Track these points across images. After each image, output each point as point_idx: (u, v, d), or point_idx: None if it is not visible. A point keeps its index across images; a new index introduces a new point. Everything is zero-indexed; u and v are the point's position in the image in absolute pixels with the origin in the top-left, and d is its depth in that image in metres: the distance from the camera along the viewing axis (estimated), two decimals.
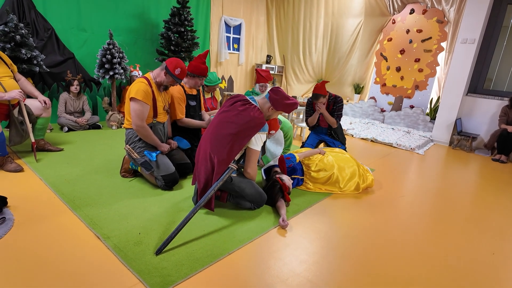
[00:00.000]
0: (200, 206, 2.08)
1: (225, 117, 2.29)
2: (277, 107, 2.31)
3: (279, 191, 2.59)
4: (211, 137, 2.29)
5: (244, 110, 2.24)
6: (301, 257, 1.98)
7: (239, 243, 2.06)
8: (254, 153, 2.22)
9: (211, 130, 2.34)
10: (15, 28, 3.91)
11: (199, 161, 2.36)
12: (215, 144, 2.24)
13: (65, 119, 4.41)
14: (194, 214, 2.05)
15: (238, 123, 2.19)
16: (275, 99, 2.29)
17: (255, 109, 2.24)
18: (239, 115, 2.22)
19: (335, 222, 2.48)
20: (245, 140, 2.18)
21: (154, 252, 1.88)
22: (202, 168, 2.30)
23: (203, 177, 2.29)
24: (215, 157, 2.22)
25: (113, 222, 2.20)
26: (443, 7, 5.92)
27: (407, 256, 2.10)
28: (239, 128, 2.18)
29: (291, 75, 8.48)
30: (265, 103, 2.34)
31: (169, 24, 5.64)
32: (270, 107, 2.33)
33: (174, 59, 2.72)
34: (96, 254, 1.85)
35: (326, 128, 4.01)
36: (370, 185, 3.15)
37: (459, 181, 3.76)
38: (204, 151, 2.32)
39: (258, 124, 2.19)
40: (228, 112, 2.29)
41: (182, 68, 2.72)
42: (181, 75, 2.74)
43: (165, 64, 2.71)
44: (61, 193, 2.57)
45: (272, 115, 2.41)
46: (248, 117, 2.19)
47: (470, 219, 2.75)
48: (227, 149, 2.19)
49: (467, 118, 5.57)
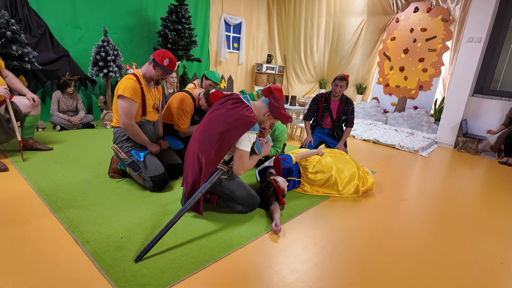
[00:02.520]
0: (185, 210, 1.94)
1: (214, 116, 2.16)
2: (274, 115, 2.21)
3: (273, 194, 2.45)
4: (200, 136, 2.16)
5: (234, 108, 2.11)
6: (293, 265, 1.83)
7: (227, 249, 1.92)
8: (242, 153, 2.06)
9: (200, 129, 2.21)
10: (6, 24, 3.81)
11: (187, 162, 2.23)
12: (203, 144, 2.11)
13: (58, 117, 4.30)
14: (179, 218, 1.92)
15: (226, 121, 2.06)
16: (275, 107, 2.18)
17: (246, 108, 2.11)
18: (228, 113, 2.09)
19: (331, 227, 2.33)
20: (233, 139, 2.04)
21: (134, 259, 1.75)
22: (190, 169, 2.17)
23: (191, 179, 2.16)
24: (202, 157, 2.08)
25: (95, 225, 2.07)
26: (448, 5, 5.75)
27: (408, 265, 1.95)
28: (228, 126, 2.04)
29: (292, 75, 8.34)
30: (262, 107, 2.22)
31: (166, 22, 5.52)
32: (267, 113, 2.21)
33: (160, 51, 2.61)
34: (72, 261, 1.71)
35: (328, 129, 3.87)
36: (371, 188, 3.00)
37: (464, 184, 3.59)
38: (192, 152, 2.19)
39: (248, 122, 2.04)
40: (218, 111, 2.16)
41: (170, 58, 2.60)
42: (170, 66, 2.62)
43: (152, 57, 2.59)
44: (44, 193, 2.45)
45: (265, 122, 2.29)
46: (237, 115, 2.05)
47: (476, 225, 2.59)
48: (215, 149, 2.06)
49: (473, 119, 5.39)
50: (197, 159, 2.12)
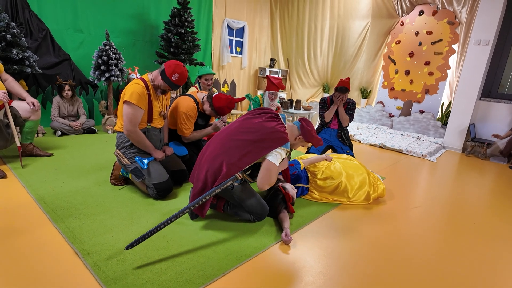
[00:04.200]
0: (189, 209, 1.85)
1: (247, 123, 2.12)
2: (306, 138, 2.20)
3: (282, 202, 2.35)
4: (226, 138, 2.11)
5: (270, 121, 2.09)
6: (306, 279, 1.72)
7: (236, 261, 1.81)
8: (271, 166, 2.00)
9: (226, 132, 2.16)
10: (7, 27, 3.74)
11: (203, 159, 2.15)
12: (228, 147, 2.06)
13: (58, 123, 4.21)
14: (181, 216, 1.84)
15: (260, 131, 2.03)
16: (307, 130, 2.18)
17: (281, 125, 2.10)
18: (264, 124, 2.06)
19: (344, 236, 2.22)
20: (263, 151, 2.00)
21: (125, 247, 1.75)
22: (205, 167, 2.09)
23: (203, 177, 2.07)
24: (224, 161, 2.02)
25: (96, 235, 1.97)
26: (454, 8, 5.68)
27: (426, 276, 1.83)
28: (263, 136, 2.01)
29: (295, 79, 8.26)
30: (294, 130, 2.21)
31: (169, 26, 5.45)
32: (299, 136, 2.20)
33: (173, 62, 2.45)
34: (72, 274, 1.61)
35: (336, 130, 3.80)
36: (382, 194, 2.89)
37: (476, 190, 3.47)
38: (212, 151, 2.12)
39: (281, 138, 2.02)
40: (252, 120, 2.13)
41: (180, 73, 2.45)
42: (178, 81, 2.47)
43: (163, 66, 2.47)
44: (43, 202, 2.35)
45: (296, 145, 2.26)
46: (272, 129, 2.03)
47: (489, 233, 2.47)
48: (240, 154, 2.01)
49: (481, 123, 5.28)
50: (215, 158, 2.06)
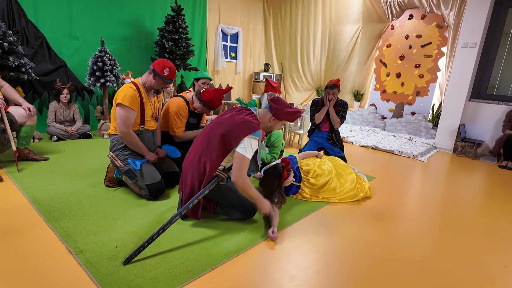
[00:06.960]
0: (179, 216, 1.91)
1: (220, 119, 2.18)
2: (279, 117, 2.20)
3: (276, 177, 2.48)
4: (203, 139, 2.17)
5: (239, 114, 2.14)
6: (292, 272, 1.79)
7: (224, 257, 1.88)
8: (241, 158, 1.99)
9: (204, 134, 2.22)
10: (3, 35, 3.82)
11: (187, 164, 2.21)
12: (206, 147, 2.11)
13: (55, 128, 4.28)
14: (172, 224, 1.89)
15: (229, 124, 2.07)
16: (276, 109, 2.18)
17: (251, 114, 2.14)
18: (233, 117, 2.11)
19: (331, 233, 2.29)
20: (234, 142, 2.02)
21: (122, 262, 1.73)
22: (189, 172, 2.14)
23: (190, 182, 2.13)
24: (206, 161, 2.08)
25: (89, 234, 2.03)
26: (442, 12, 5.81)
27: (410, 270, 1.90)
28: (229, 127, 2.05)
29: (289, 83, 8.37)
30: (266, 113, 2.22)
31: (163, 32, 5.56)
32: (272, 117, 2.21)
33: (160, 60, 2.58)
34: (65, 271, 1.67)
35: (327, 132, 3.88)
36: (368, 193, 2.97)
37: (465, 189, 3.56)
38: (194, 153, 2.18)
39: (250, 127, 2.03)
40: (224, 115, 2.19)
41: (170, 67, 2.58)
42: (170, 75, 2.60)
43: (152, 67, 2.58)
44: (38, 204, 2.40)
45: (274, 126, 2.27)
46: (241, 119, 2.07)
47: (477, 230, 2.55)
48: (216, 152, 2.06)
49: (471, 124, 5.38)
50: (198, 161, 2.11)
